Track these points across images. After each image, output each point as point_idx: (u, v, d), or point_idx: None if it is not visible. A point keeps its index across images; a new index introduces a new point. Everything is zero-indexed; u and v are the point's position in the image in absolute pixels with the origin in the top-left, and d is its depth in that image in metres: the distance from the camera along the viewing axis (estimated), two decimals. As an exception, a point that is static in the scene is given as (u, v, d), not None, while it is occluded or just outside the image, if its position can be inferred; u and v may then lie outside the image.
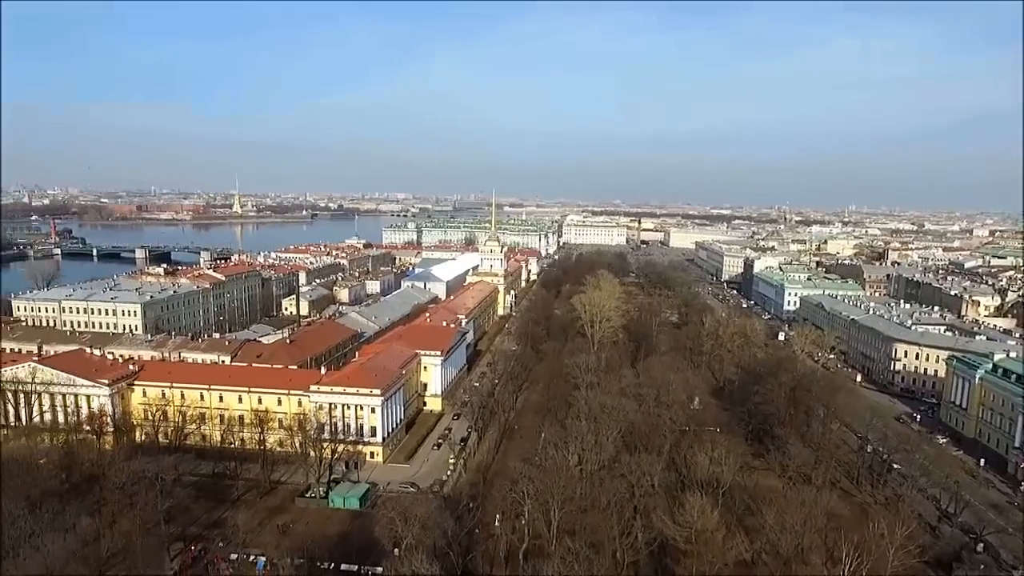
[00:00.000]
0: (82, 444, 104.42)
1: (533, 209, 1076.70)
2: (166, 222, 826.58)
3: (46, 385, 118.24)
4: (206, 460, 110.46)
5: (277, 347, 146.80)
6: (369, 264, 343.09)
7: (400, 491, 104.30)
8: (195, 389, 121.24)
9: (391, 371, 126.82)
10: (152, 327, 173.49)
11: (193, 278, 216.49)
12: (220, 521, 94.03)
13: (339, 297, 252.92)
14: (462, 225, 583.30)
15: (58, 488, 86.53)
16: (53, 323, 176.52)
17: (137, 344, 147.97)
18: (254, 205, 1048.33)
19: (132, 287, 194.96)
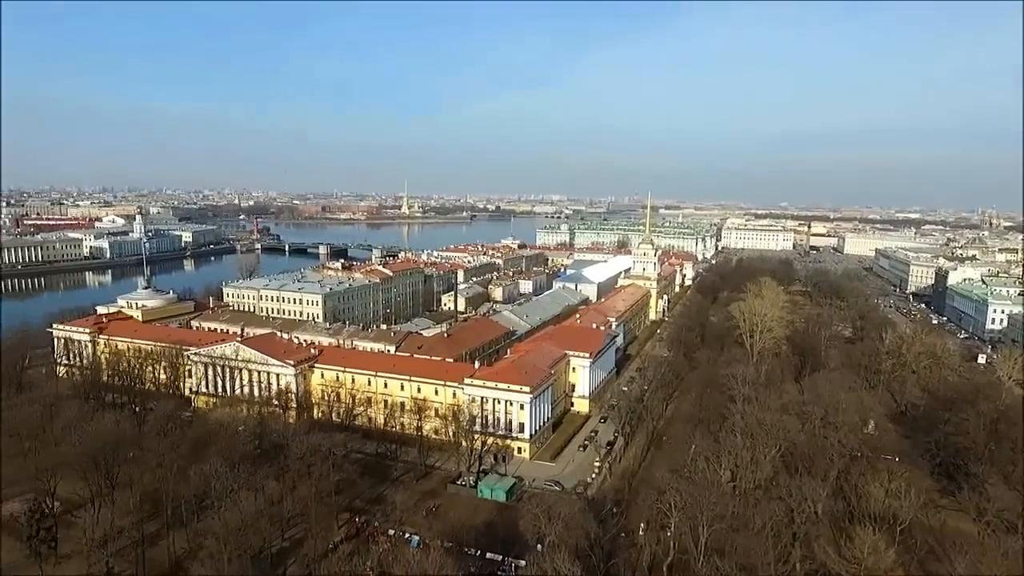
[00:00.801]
0: (271, 416, 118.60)
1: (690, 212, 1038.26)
2: (344, 221, 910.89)
3: (245, 362, 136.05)
4: (371, 440, 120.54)
5: (436, 340, 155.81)
6: (522, 264, 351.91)
7: (545, 488, 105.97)
8: (363, 375, 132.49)
9: (540, 370, 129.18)
10: (330, 316, 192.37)
11: (365, 273, 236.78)
12: (381, 498, 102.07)
13: (493, 295, 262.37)
14: (615, 227, 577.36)
15: (252, 453, 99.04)
16: (253, 308, 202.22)
17: (318, 331, 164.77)
18: (420, 207, 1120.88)
19: (315, 280, 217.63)
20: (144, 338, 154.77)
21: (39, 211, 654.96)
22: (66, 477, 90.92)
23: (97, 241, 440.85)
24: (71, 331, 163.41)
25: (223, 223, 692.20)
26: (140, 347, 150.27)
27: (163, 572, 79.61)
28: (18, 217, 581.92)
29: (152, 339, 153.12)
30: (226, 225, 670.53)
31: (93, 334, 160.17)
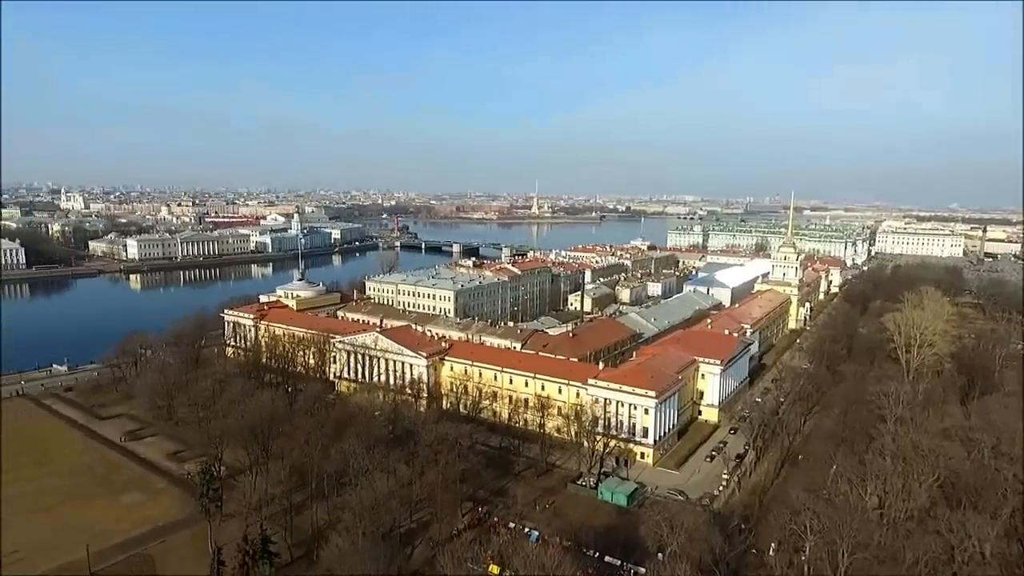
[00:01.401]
0: (404, 404, 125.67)
1: (840, 213, 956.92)
2: (476, 221, 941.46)
3: (383, 352, 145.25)
4: (495, 434, 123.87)
5: (561, 339, 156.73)
6: (651, 266, 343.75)
7: (668, 497, 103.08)
8: (490, 369, 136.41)
9: (667, 375, 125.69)
10: (461, 311, 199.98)
11: (495, 271, 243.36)
12: (503, 490, 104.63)
13: (620, 296, 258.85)
14: (753, 229, 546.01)
15: (386, 437, 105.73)
16: (391, 302, 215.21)
17: (449, 325, 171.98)
18: (549, 207, 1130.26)
19: (448, 276, 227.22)
20: (297, 325, 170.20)
21: (216, 210, 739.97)
22: (231, 445, 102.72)
23: (261, 237, 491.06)
24: (238, 316, 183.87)
25: (367, 222, 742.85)
26: (294, 333, 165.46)
27: (306, 539, 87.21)
28: (201, 215, 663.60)
29: (304, 326, 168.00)
30: (370, 224, 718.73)
31: (256, 320, 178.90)
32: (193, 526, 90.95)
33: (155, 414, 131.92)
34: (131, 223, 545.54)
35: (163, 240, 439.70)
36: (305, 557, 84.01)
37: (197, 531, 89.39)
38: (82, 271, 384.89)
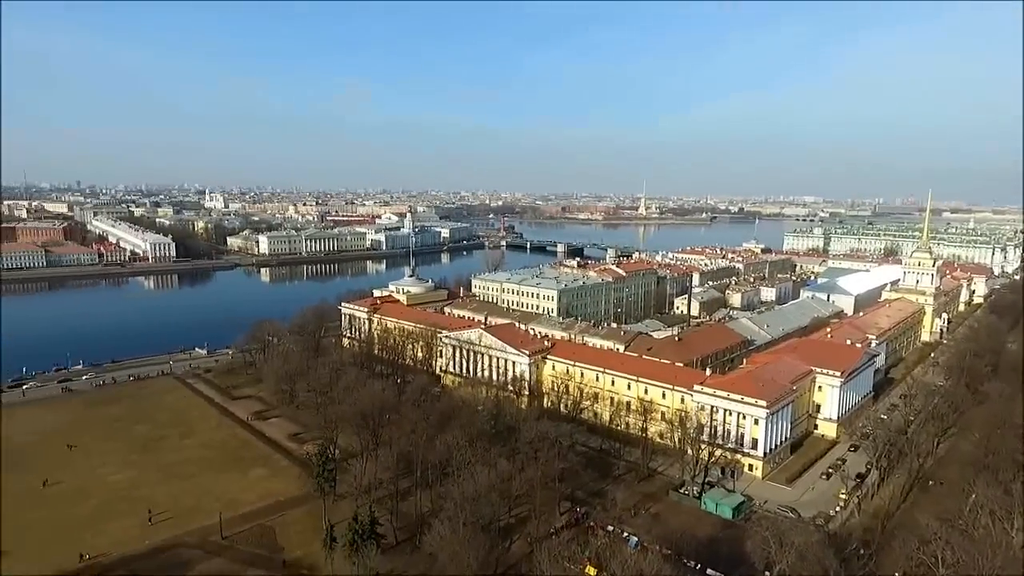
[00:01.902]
0: (506, 400, 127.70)
1: (987, 216, 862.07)
2: (582, 221, 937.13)
3: (487, 348, 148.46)
4: (595, 435, 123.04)
5: (666, 343, 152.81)
6: (765, 270, 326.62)
7: (778, 513, 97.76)
8: (592, 370, 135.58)
9: (780, 384, 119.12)
10: (564, 311, 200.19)
11: (599, 272, 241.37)
12: (601, 492, 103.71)
13: (730, 301, 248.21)
14: (882, 233, 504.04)
15: (488, 431, 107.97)
16: (496, 300, 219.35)
17: (552, 324, 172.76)
18: (657, 207, 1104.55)
19: (552, 276, 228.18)
20: (407, 319, 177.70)
21: (337, 209, 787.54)
22: (345, 430, 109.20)
23: (376, 235, 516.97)
24: (354, 309, 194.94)
25: (475, 221, 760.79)
26: (403, 327, 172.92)
27: (410, 524, 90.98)
28: (323, 214, 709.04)
29: (413, 321, 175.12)
30: (477, 223, 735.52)
31: (369, 313, 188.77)
32: (309, 503, 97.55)
33: (279, 397, 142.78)
34: (263, 221, 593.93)
35: (289, 237, 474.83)
36: (409, 541, 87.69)
37: (312, 508, 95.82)
38: (221, 264, 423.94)
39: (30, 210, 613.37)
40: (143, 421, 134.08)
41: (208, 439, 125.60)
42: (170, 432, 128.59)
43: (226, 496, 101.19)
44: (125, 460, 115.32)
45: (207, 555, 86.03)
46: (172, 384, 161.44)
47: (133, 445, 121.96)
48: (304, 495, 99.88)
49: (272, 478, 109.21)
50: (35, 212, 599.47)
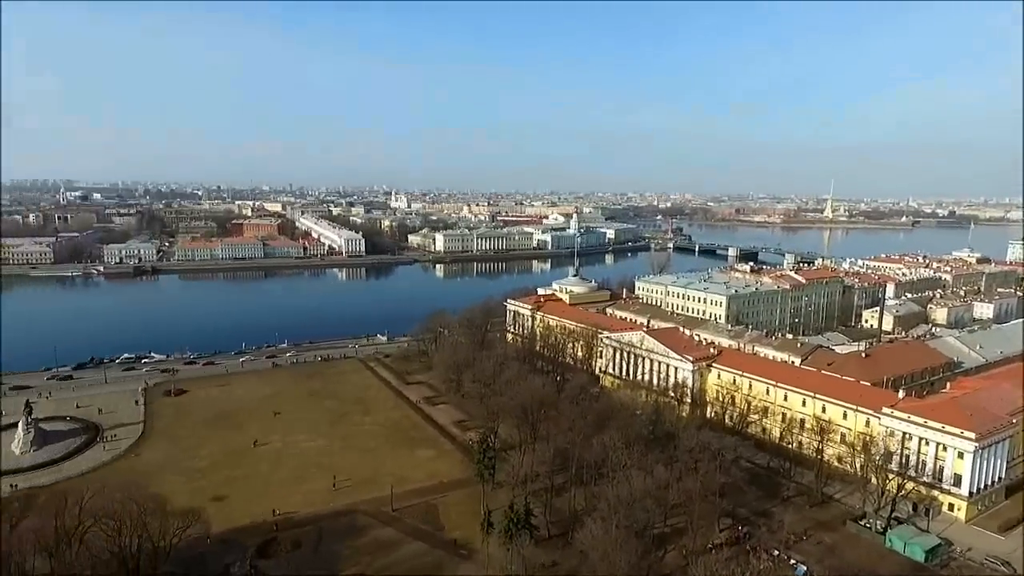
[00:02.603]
0: (666, 406, 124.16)
1: None
2: (757, 224, 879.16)
3: (648, 352, 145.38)
4: (763, 452, 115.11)
5: (850, 359, 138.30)
6: (980, 282, 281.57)
7: (985, 564, 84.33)
8: (762, 383, 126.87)
9: (994, 415, 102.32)
10: (733, 318, 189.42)
11: (775, 278, 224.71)
12: (767, 513, 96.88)
13: (933, 317, 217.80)
14: None
15: (645, 436, 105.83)
16: (659, 303, 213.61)
17: (719, 331, 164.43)
18: (846, 210, 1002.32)
19: (721, 281, 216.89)
20: (569, 318, 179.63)
21: (507, 210, 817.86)
22: (505, 422, 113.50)
23: (542, 235, 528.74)
24: (518, 306, 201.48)
25: (641, 223, 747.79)
26: (565, 325, 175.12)
27: (564, 519, 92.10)
28: (494, 214, 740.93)
29: (575, 320, 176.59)
30: (644, 225, 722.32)
31: (533, 310, 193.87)
32: (469, 487, 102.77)
33: (447, 385, 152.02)
34: (439, 220, 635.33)
35: (462, 235, 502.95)
36: (561, 536, 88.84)
37: (472, 492, 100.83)
38: (402, 259, 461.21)
39: (253, 209, 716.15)
40: (332, 397, 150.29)
41: (384, 418, 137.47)
42: (353, 409, 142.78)
43: (397, 472, 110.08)
44: (317, 430, 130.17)
45: (379, 523, 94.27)
46: (356, 366, 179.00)
47: (323, 417, 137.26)
48: (465, 479, 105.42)
49: (437, 460, 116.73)
50: (257, 211, 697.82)
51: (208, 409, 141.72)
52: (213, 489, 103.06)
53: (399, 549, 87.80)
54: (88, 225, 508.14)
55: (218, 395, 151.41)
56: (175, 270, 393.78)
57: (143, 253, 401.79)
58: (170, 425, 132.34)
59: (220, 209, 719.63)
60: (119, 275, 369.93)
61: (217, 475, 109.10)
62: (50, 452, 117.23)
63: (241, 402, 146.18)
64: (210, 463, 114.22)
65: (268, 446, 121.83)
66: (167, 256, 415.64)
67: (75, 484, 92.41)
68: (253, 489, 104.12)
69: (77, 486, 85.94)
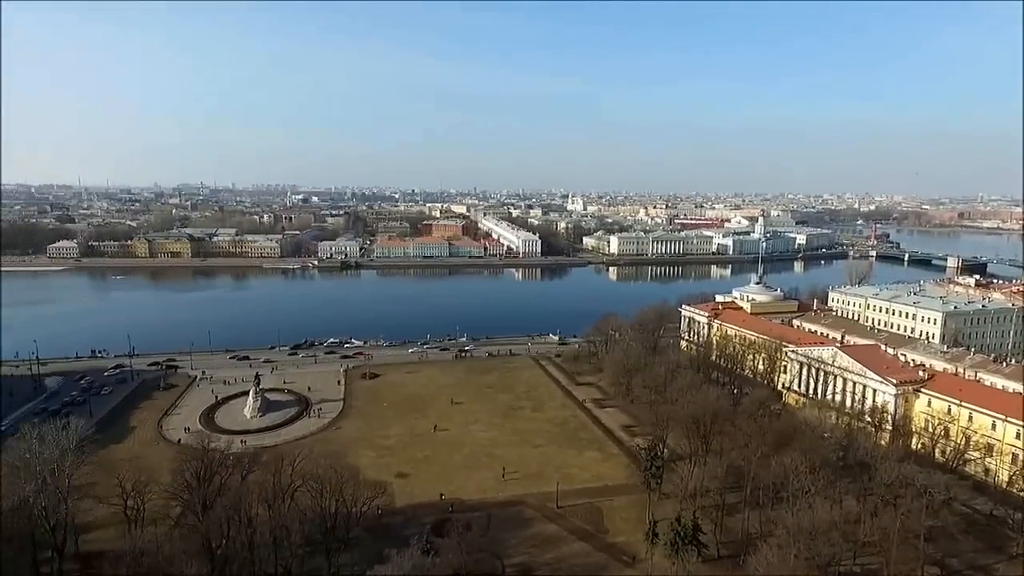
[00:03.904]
0: (860, 431, 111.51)
1: None
2: (988, 231, 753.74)
3: (842, 370, 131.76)
4: (984, 496, 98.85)
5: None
6: None
7: None
8: (987, 415, 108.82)
9: None
10: (950, 339, 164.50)
11: (1009, 294, 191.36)
12: (987, 569, 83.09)
13: None
14: None
15: (833, 462, 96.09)
16: (856, 316, 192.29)
17: (931, 352, 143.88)
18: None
19: (936, 295, 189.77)
20: (750, 329, 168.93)
21: (685, 212, 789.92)
22: (675, 431, 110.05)
23: (723, 239, 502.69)
24: (694, 313, 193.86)
25: (839, 227, 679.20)
26: (745, 336, 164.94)
27: (735, 540, 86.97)
28: (671, 216, 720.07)
29: (756, 331, 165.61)
30: (841, 229, 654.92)
31: (709, 318, 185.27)
32: (634, 494, 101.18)
33: (616, 389, 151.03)
34: (615, 223, 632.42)
35: (637, 238, 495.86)
36: (731, 558, 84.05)
37: (637, 500, 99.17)
38: (576, 261, 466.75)
39: (441, 211, 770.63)
40: (505, 391, 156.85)
41: (553, 416, 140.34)
42: (524, 404, 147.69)
43: (563, 469, 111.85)
44: (490, 421, 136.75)
45: (544, 518, 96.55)
46: (529, 363, 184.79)
47: (496, 410, 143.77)
48: (630, 485, 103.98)
49: (603, 462, 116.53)
50: (445, 212, 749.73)
51: (396, 393, 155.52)
52: (398, 466, 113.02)
53: (563, 546, 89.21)
54: (307, 224, 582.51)
55: (405, 381, 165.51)
56: (374, 266, 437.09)
57: (348, 250, 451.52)
58: (365, 405, 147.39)
59: (413, 211, 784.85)
60: (329, 269, 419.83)
61: (402, 454, 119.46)
62: (272, 418, 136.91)
63: (425, 389, 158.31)
64: (397, 442, 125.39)
65: (447, 432, 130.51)
66: (368, 253, 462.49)
67: (289, 448, 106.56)
68: (432, 471, 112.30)
69: (290, 450, 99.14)
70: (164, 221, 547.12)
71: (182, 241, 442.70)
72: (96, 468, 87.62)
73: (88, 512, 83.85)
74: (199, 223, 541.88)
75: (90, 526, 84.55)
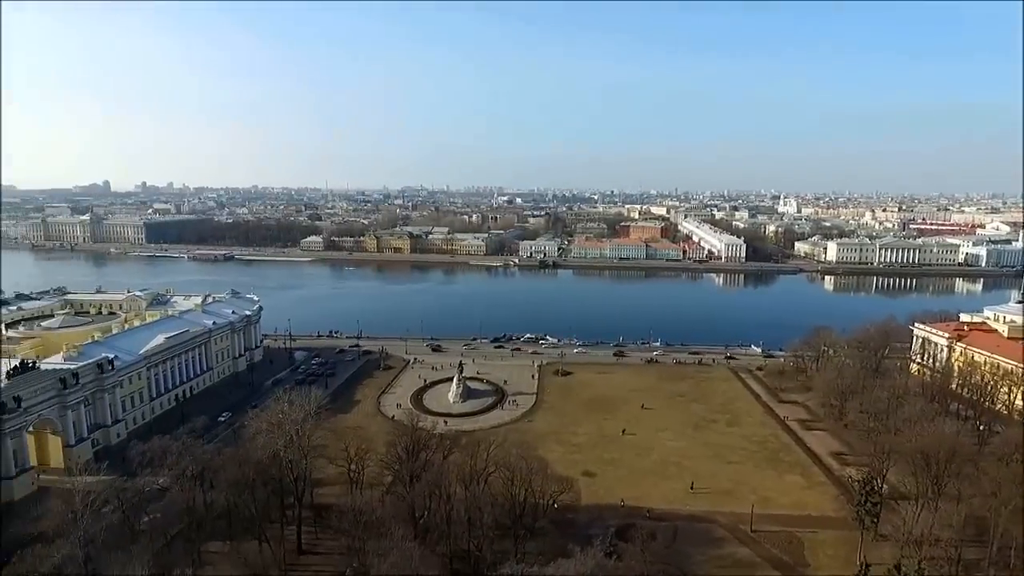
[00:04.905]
0: None
1: None
2: None
3: None
4: None
5: None
6: None
7: None
8: None
9: None
10: None
11: None
12: None
13: None
14: None
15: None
16: None
17: None
18: None
19: None
20: (1004, 355, 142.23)
21: (924, 216, 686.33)
22: (898, 465, 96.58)
23: (974, 248, 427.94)
24: (930, 332, 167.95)
25: None
26: (998, 363, 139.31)
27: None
28: (905, 221, 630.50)
29: (1015, 359, 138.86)
30: None
31: (951, 340, 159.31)
32: (842, 529, 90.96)
33: (826, 411, 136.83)
34: (833, 227, 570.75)
35: (861, 244, 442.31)
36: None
37: (846, 537, 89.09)
38: (785, 268, 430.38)
39: (640, 212, 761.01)
40: (699, 401, 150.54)
41: (751, 432, 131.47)
42: (719, 417, 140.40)
43: (759, 491, 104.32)
44: (681, 431, 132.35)
45: (736, 540, 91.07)
46: (726, 374, 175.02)
47: (688, 420, 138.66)
48: (838, 519, 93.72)
49: (807, 490, 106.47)
50: (643, 214, 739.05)
51: (587, 392, 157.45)
52: (585, 464, 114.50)
53: (756, 573, 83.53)
54: (510, 224, 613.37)
55: (596, 381, 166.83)
56: (571, 265, 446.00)
57: (547, 249, 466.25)
58: (557, 401, 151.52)
59: (611, 212, 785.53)
60: (528, 267, 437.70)
61: (590, 453, 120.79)
62: (471, 405, 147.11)
63: (615, 391, 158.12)
64: (585, 440, 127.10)
65: (635, 437, 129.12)
66: (565, 253, 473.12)
67: (485, 434, 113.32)
68: (618, 473, 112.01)
69: (486, 436, 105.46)
70: (389, 220, 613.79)
71: (403, 238, 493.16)
72: (328, 433, 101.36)
73: (321, 470, 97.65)
74: (417, 222, 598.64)
75: (321, 482, 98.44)
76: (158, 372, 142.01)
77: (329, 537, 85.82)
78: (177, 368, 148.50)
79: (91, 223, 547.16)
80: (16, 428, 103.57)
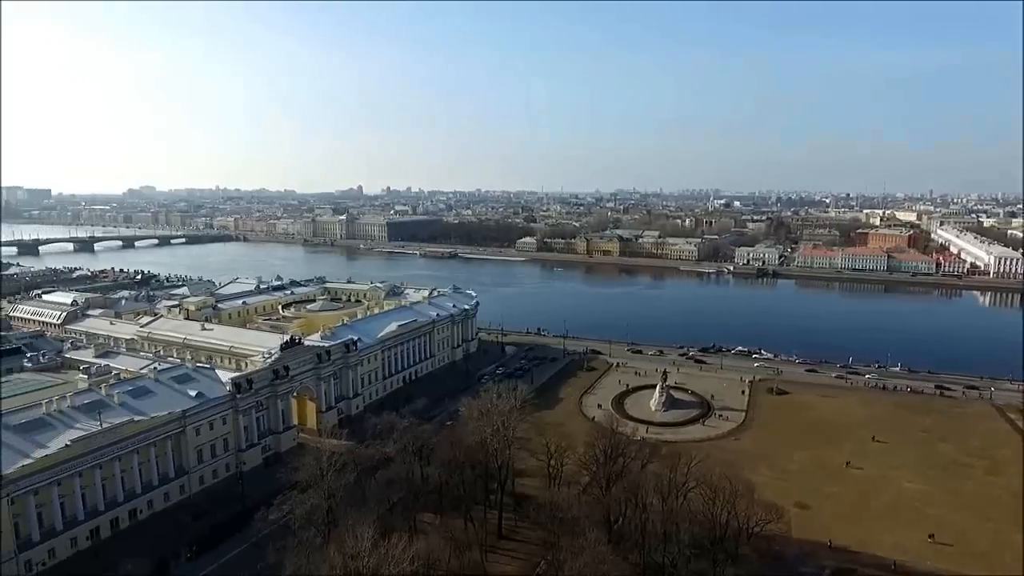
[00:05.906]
0: None
1: None
2: None
3: None
4: None
5: None
6: None
7: None
8: None
9: None
10: None
11: None
12: None
13: None
14: None
15: None
16: None
17: None
18: None
19: None
20: None
21: None
22: None
23: None
24: None
25: None
26: None
27: None
28: None
29: None
30: None
31: None
32: None
33: None
34: None
35: None
36: None
37: None
38: None
39: (882, 218, 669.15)
40: (949, 440, 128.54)
41: (1020, 487, 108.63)
42: (975, 462, 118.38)
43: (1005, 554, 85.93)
44: (922, 472, 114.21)
45: (990, 613, 76.47)
46: (988, 411, 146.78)
47: (931, 460, 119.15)
48: None
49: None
50: (886, 220, 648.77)
51: (805, 415, 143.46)
52: (798, 495, 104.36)
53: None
54: (726, 229, 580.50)
55: (817, 404, 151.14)
56: (792, 275, 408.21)
57: (767, 257, 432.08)
58: (769, 421, 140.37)
59: (846, 218, 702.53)
60: (744, 275, 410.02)
61: (804, 483, 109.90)
62: (674, 415, 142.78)
63: (839, 417, 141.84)
64: (799, 468, 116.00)
65: (861, 472, 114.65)
66: (787, 261, 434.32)
67: (686, 447, 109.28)
68: (838, 510, 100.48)
69: (687, 449, 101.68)
70: (600, 223, 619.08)
71: (612, 241, 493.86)
72: (531, 426, 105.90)
73: (522, 461, 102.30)
74: (628, 225, 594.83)
75: (523, 473, 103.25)
76: (390, 355, 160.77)
77: (526, 526, 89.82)
78: (405, 353, 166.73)
79: (346, 222, 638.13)
80: (285, 392, 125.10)
